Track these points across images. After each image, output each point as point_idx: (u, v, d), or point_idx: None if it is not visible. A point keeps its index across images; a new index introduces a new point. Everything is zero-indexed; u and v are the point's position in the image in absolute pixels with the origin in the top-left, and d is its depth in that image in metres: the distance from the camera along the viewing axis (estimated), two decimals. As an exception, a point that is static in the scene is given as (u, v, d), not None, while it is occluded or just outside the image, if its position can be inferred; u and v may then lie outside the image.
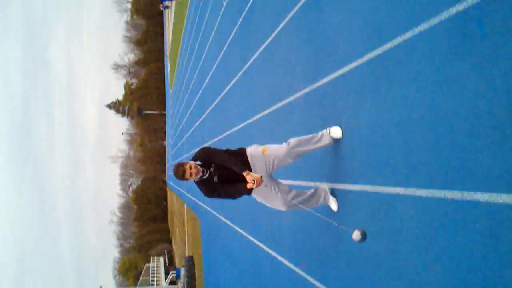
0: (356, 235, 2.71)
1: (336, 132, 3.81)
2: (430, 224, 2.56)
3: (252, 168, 3.63)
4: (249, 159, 3.65)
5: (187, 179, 3.53)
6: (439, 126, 2.50)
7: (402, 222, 2.84)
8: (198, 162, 3.61)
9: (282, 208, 3.80)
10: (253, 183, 3.39)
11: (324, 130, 3.86)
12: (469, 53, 2.28)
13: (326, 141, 3.81)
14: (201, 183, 3.63)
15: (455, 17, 2.39)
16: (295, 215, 4.91)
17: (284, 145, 3.75)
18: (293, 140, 3.74)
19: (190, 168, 3.49)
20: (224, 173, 3.59)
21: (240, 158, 3.61)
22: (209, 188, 3.63)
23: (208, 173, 3.58)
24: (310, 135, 3.81)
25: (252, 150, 3.69)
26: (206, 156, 3.61)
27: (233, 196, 3.69)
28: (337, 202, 3.85)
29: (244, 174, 3.45)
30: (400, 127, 2.89)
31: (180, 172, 3.49)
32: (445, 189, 2.44)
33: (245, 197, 3.80)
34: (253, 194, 3.72)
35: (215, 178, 3.60)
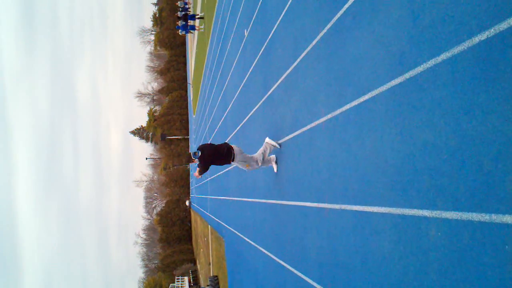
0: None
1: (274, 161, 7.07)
2: (457, 245, 2.57)
3: (232, 159, 6.65)
4: (235, 155, 6.64)
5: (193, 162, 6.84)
6: (465, 149, 2.53)
7: (429, 244, 2.85)
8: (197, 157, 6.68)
9: (245, 169, 6.93)
10: (197, 175, 6.83)
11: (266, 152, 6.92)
12: (494, 80, 2.33)
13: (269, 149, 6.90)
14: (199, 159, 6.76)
15: (478, 45, 2.46)
16: (322, 235, 4.92)
17: (256, 166, 6.87)
18: (258, 157, 6.82)
19: (194, 161, 6.69)
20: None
21: (226, 150, 6.62)
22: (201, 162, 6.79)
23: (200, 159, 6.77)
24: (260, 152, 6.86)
25: (238, 154, 6.69)
26: (201, 159, 6.63)
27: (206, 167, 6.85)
28: (278, 166, 6.98)
29: (196, 172, 6.81)
30: (424, 151, 2.93)
31: (191, 160, 6.76)
32: (472, 211, 2.45)
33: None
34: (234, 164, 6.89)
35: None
